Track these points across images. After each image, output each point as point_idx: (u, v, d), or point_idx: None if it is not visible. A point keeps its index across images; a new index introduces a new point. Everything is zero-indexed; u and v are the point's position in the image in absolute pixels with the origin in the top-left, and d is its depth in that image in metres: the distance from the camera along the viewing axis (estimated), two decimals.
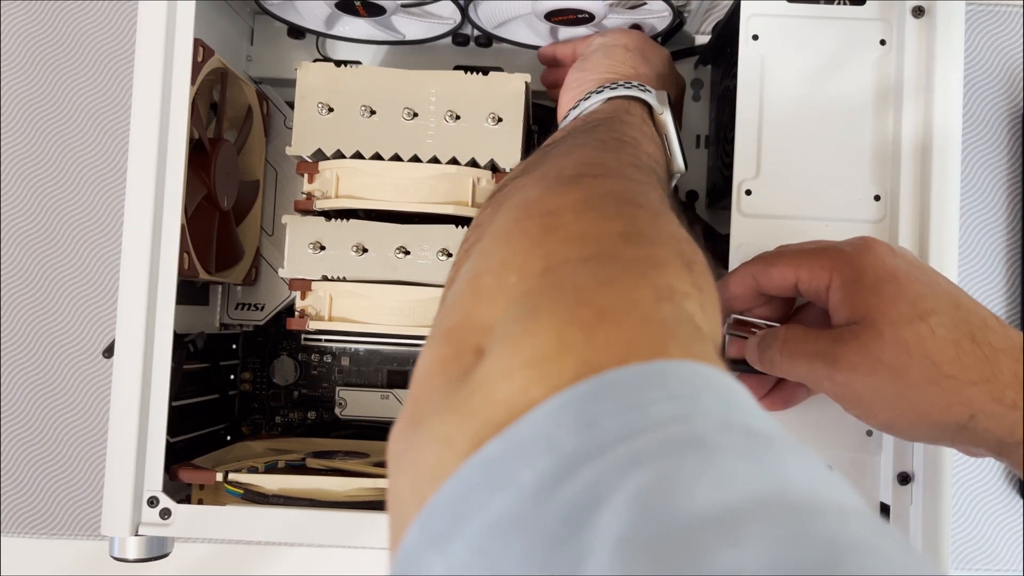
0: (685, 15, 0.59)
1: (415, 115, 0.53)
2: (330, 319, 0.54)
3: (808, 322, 0.44)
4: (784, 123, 0.49)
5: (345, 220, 0.53)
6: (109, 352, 0.49)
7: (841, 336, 0.39)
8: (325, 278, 0.54)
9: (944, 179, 0.47)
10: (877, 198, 0.48)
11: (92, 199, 0.72)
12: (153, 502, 0.48)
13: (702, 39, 0.63)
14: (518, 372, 0.22)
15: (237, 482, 0.49)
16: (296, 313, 0.54)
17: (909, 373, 0.37)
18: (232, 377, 0.64)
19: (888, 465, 0.47)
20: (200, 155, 0.54)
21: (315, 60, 0.58)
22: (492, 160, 0.53)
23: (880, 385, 0.38)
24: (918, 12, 0.48)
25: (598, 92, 0.47)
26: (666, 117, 0.47)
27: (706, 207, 0.65)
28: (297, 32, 0.62)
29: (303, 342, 0.66)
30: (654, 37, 0.59)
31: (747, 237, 0.49)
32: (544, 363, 0.21)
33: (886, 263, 0.40)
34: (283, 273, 0.54)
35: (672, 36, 0.61)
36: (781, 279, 0.43)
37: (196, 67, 0.50)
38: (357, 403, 0.64)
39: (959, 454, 0.69)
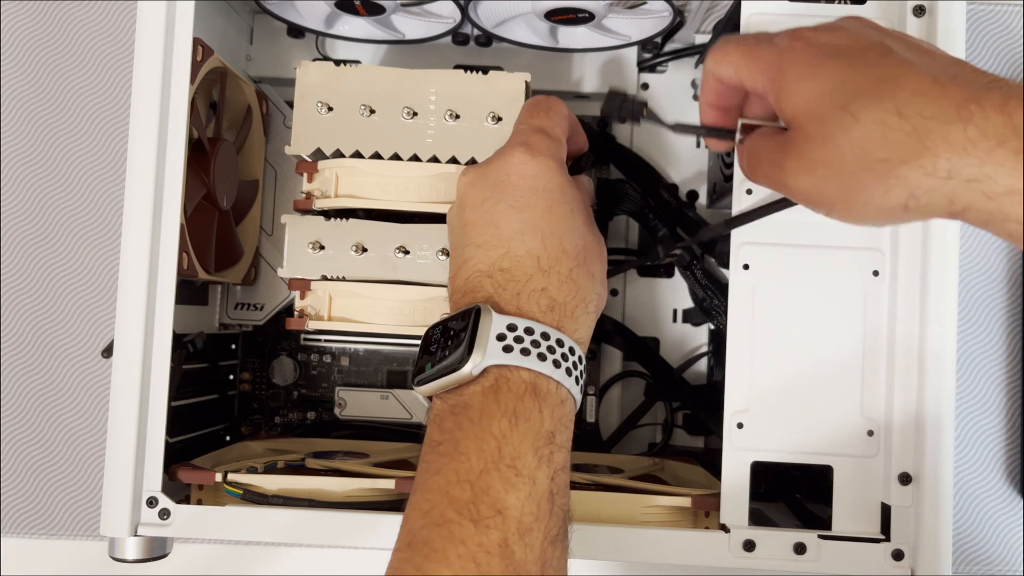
0: (685, 15, 0.59)
1: (415, 114, 0.53)
2: (329, 319, 0.53)
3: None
4: None
5: (344, 220, 0.53)
6: (108, 352, 0.49)
7: (782, 143, 0.38)
8: (324, 278, 0.53)
9: None
10: None
11: (92, 199, 0.72)
12: (152, 502, 0.48)
13: (702, 39, 0.63)
14: None
15: (236, 482, 0.49)
16: (295, 313, 0.54)
17: (844, 165, 0.36)
18: (231, 377, 0.64)
19: (888, 465, 0.47)
20: (199, 155, 0.54)
21: (315, 59, 0.58)
22: None
23: (823, 183, 0.37)
24: (919, 11, 0.48)
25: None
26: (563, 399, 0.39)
27: (706, 207, 0.65)
28: (297, 31, 0.62)
29: (303, 342, 0.66)
30: (651, 38, 0.59)
31: (748, 236, 0.49)
32: None
33: (807, 58, 0.38)
34: (282, 273, 0.54)
35: (672, 36, 0.61)
36: (733, 81, 0.42)
37: (195, 66, 0.50)
38: (357, 403, 0.64)
39: (959, 454, 0.69)
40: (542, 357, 0.38)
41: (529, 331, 0.38)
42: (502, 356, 0.38)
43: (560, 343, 0.39)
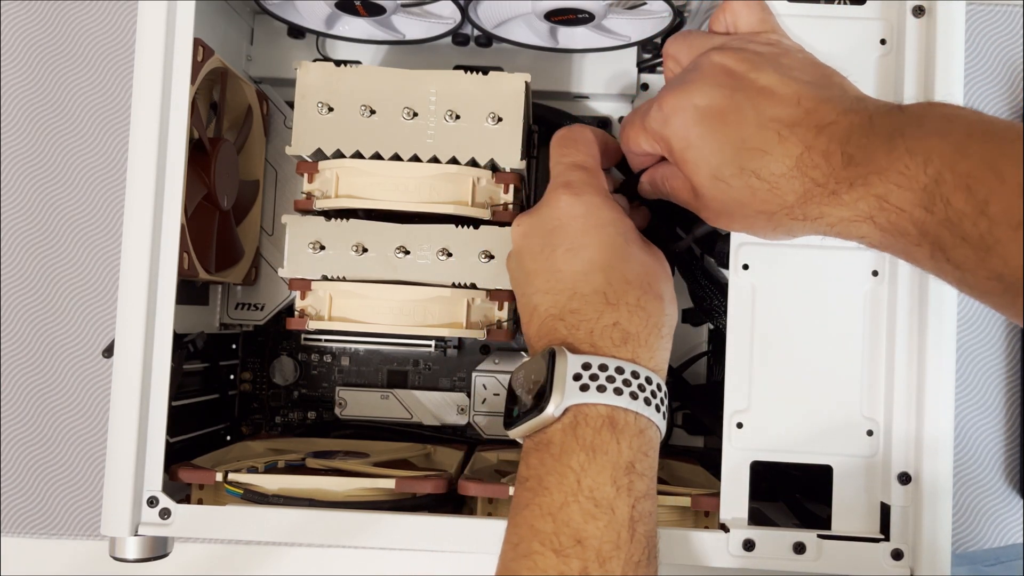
0: (685, 15, 0.59)
1: (415, 115, 0.53)
2: (330, 319, 0.54)
3: None
4: None
5: (345, 220, 0.53)
6: (109, 352, 0.49)
7: (692, 192, 0.43)
8: (325, 278, 0.54)
9: None
10: None
11: (92, 199, 0.72)
12: (153, 502, 0.48)
13: None
14: None
15: (237, 482, 0.49)
16: (296, 313, 0.54)
17: (735, 216, 0.41)
18: (232, 377, 0.64)
19: (888, 465, 0.47)
20: (200, 155, 0.54)
21: (315, 60, 0.58)
22: (492, 160, 0.53)
23: (729, 225, 0.43)
24: (918, 12, 0.48)
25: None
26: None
27: None
28: (297, 32, 0.62)
29: (303, 342, 0.66)
30: (651, 39, 0.59)
31: (748, 236, 0.49)
32: None
33: (681, 131, 0.42)
34: (283, 273, 0.54)
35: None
36: (651, 152, 0.46)
37: (196, 67, 0.50)
38: (357, 403, 0.64)
39: (959, 454, 0.69)
40: (618, 391, 0.40)
41: (603, 367, 0.40)
42: (579, 395, 0.39)
43: (636, 375, 0.40)
